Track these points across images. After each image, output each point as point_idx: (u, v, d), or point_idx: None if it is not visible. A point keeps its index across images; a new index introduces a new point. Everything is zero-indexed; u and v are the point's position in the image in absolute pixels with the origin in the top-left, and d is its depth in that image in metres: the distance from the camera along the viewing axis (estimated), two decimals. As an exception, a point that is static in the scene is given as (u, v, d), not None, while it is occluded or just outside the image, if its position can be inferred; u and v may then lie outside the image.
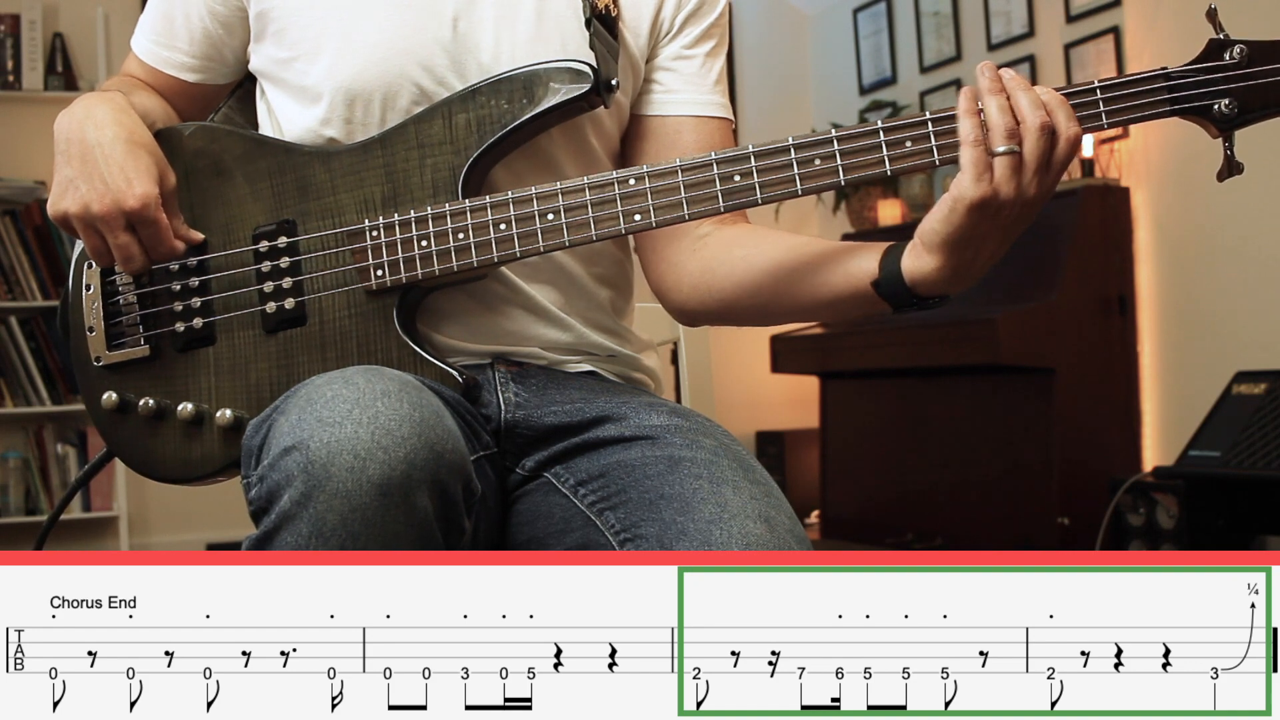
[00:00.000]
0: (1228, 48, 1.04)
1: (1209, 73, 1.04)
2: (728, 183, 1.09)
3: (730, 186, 1.09)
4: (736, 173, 1.09)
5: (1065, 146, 1.05)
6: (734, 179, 1.09)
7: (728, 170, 1.09)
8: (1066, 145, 1.05)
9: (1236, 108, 1.04)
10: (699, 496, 1.04)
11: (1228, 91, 1.04)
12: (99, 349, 1.20)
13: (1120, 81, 1.05)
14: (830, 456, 4.82)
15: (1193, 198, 3.84)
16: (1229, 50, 1.04)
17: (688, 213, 1.10)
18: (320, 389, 0.95)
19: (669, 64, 1.28)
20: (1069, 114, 1.04)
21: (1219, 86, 1.04)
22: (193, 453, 1.17)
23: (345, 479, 0.89)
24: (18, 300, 4.30)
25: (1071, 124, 1.04)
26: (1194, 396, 3.64)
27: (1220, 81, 1.04)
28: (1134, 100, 1.05)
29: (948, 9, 4.99)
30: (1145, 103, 1.05)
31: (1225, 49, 1.04)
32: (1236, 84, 1.04)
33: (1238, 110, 1.04)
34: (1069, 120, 1.04)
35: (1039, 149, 1.03)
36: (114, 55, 4.54)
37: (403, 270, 1.13)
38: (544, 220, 1.10)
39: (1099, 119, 1.06)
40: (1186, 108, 1.05)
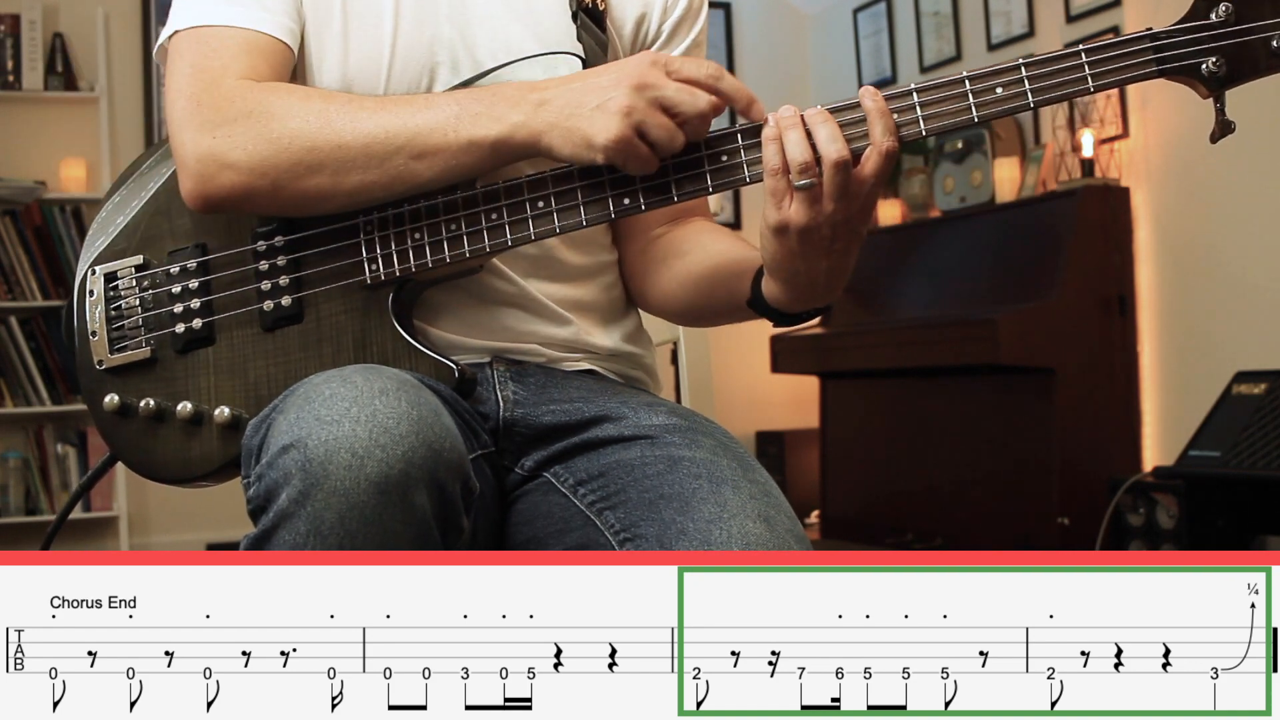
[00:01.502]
0: (1214, 5, 1.02)
1: (1196, 31, 1.03)
2: (715, 162, 1.10)
3: (718, 166, 1.10)
4: (724, 152, 1.10)
5: (878, 162, 1.04)
6: (721, 159, 1.10)
7: (715, 151, 1.09)
8: (879, 160, 1.04)
9: (1225, 66, 1.02)
10: (698, 496, 1.04)
11: (1215, 49, 1.02)
12: (101, 353, 1.21)
13: (1105, 44, 1.04)
14: (830, 456, 4.82)
15: (1193, 198, 3.84)
16: (1215, 9, 1.02)
17: (676, 195, 1.10)
18: (318, 387, 0.95)
19: None
20: (886, 127, 1.04)
21: (1206, 45, 1.02)
22: (192, 452, 1.17)
23: (343, 477, 0.89)
24: (18, 300, 4.31)
25: (887, 138, 1.03)
26: (1194, 396, 3.64)
27: (1207, 40, 1.02)
28: (1120, 62, 1.03)
29: (948, 9, 4.99)
30: (1131, 64, 1.03)
31: (1211, 7, 1.03)
32: (1224, 41, 1.02)
33: (1226, 69, 1.02)
34: (885, 134, 1.03)
35: (834, 181, 1.03)
36: (114, 55, 4.54)
37: (396, 263, 1.13)
38: (534, 208, 1.11)
39: (1085, 82, 1.03)
40: (1173, 67, 1.03)
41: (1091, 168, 4.06)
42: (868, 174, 1.04)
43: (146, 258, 1.21)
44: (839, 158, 1.03)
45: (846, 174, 1.03)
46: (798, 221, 1.04)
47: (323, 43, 1.20)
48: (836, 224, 1.04)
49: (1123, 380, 3.99)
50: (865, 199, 1.05)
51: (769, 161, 1.05)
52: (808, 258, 1.06)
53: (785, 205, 1.05)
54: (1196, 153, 3.75)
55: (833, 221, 1.04)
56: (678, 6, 1.29)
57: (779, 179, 1.04)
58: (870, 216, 1.08)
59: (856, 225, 1.06)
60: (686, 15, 1.30)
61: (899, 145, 1.05)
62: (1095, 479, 3.67)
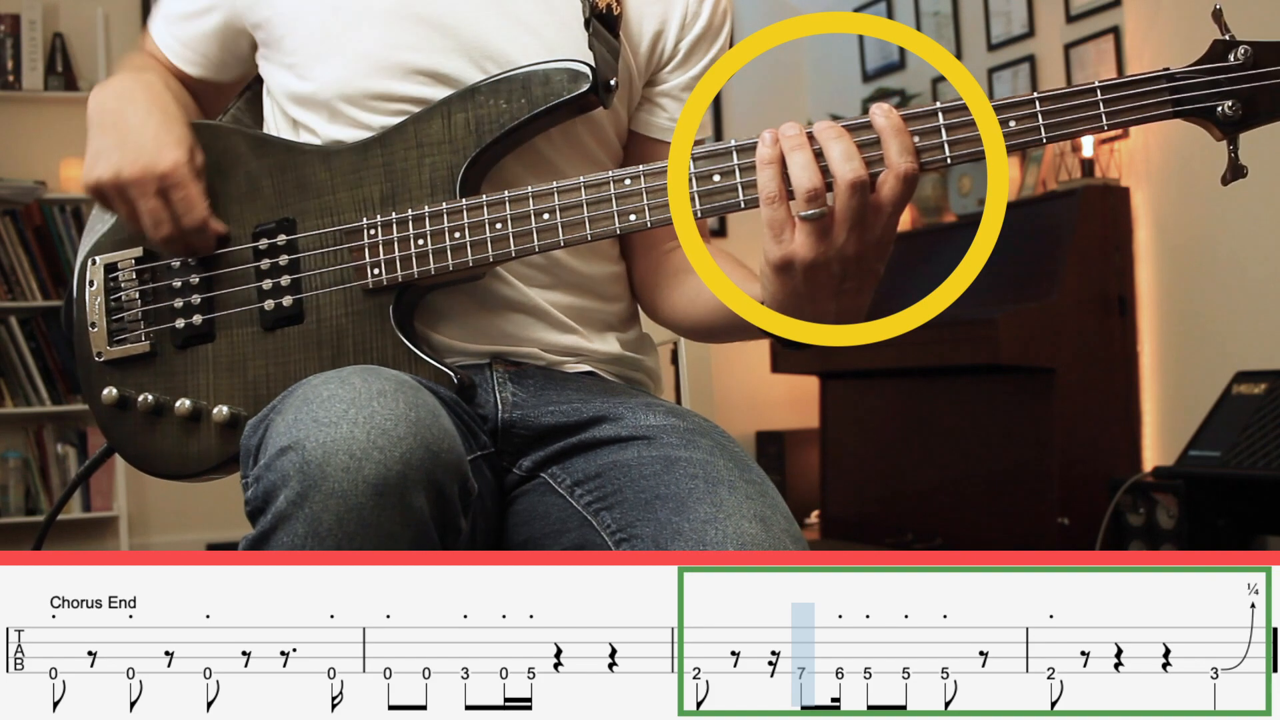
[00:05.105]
0: (1232, 49, 1.02)
1: (1213, 74, 1.02)
2: (704, 183, 1.07)
3: (709, 188, 1.08)
4: (715, 172, 1.06)
5: (896, 187, 0.94)
6: (712, 179, 1.06)
7: (705, 171, 1.08)
8: (897, 185, 0.94)
9: (1241, 110, 1.01)
10: (694, 496, 1.04)
11: (1232, 93, 1.01)
12: (100, 345, 1.21)
13: (1122, 82, 1.02)
14: (830, 456, 4.82)
15: (1193, 198, 3.84)
16: (1234, 51, 1.01)
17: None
18: (317, 389, 0.94)
19: (678, 94, 1.28)
20: (903, 146, 0.95)
21: (1223, 88, 1.02)
22: (190, 449, 1.18)
23: (341, 479, 0.89)
24: (18, 300, 4.31)
25: (905, 159, 0.94)
26: (1194, 396, 3.64)
27: (1225, 83, 1.02)
28: (1136, 101, 1.02)
29: (948, 9, 4.99)
30: (1148, 104, 1.02)
31: (1230, 50, 1.02)
32: (1241, 85, 1.01)
33: (1242, 113, 1.01)
34: (901, 154, 0.94)
35: (849, 207, 0.93)
36: (114, 55, 4.54)
37: (399, 269, 1.13)
38: (539, 220, 1.10)
39: (1099, 120, 1.02)
40: (1190, 109, 1.02)
41: (1091, 168, 4.06)
42: (885, 200, 0.95)
43: (147, 249, 1.21)
44: (856, 178, 0.93)
45: (864, 198, 0.94)
46: (804, 257, 0.95)
47: (325, 47, 1.20)
48: (848, 259, 0.96)
49: (1123, 380, 3.99)
50: (883, 231, 0.96)
51: (764, 188, 0.97)
52: (815, 299, 0.99)
53: (787, 238, 0.96)
54: (1196, 153, 3.75)
55: (843, 256, 0.96)
56: (697, 23, 1.26)
57: (776, 208, 0.96)
58: (887, 252, 0.98)
59: (872, 262, 0.98)
60: (705, 34, 1.27)
61: (919, 168, 0.96)
62: (1095, 479, 3.67)
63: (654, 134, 1.29)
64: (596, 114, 1.20)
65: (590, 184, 1.09)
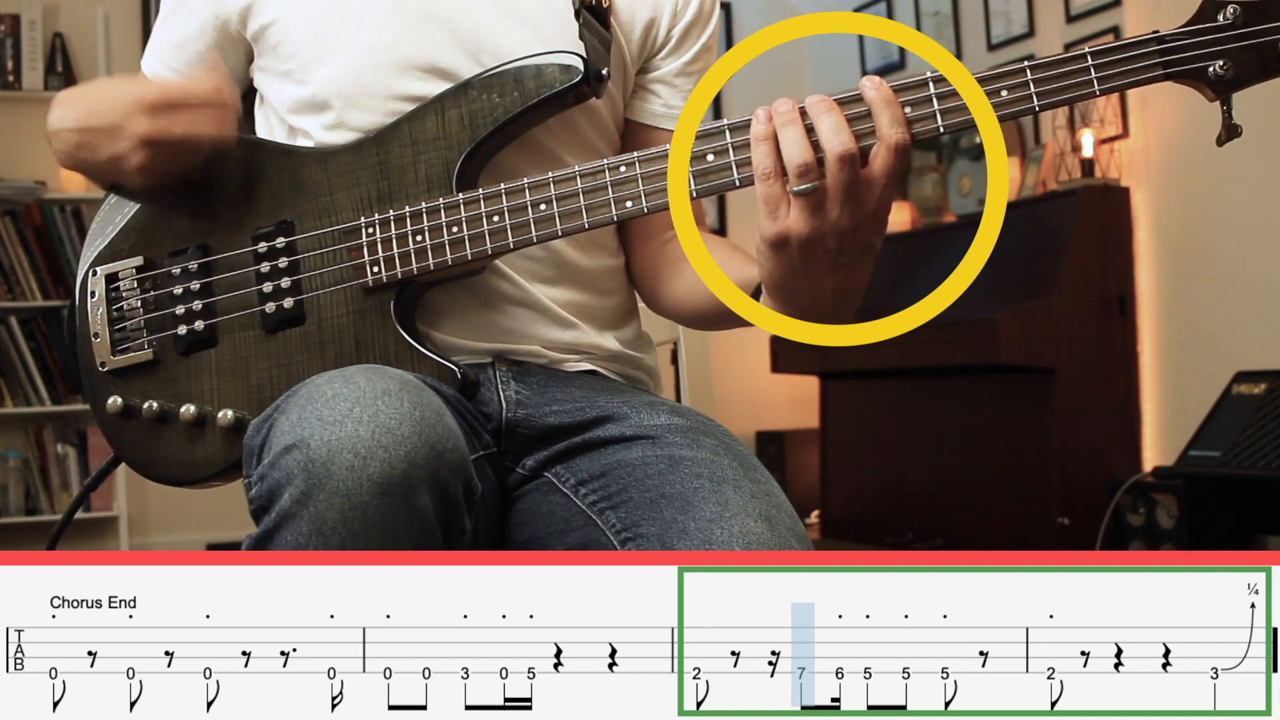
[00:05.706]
0: (1221, 8, 1.00)
1: (1202, 34, 1.00)
2: (699, 163, 1.07)
3: (703, 167, 1.08)
4: (709, 151, 1.06)
5: (887, 159, 0.95)
6: (706, 158, 1.06)
7: (701, 150, 1.08)
8: (889, 156, 0.95)
9: (1232, 69, 1.00)
10: (700, 495, 1.04)
11: (1222, 53, 1.00)
12: (104, 355, 1.21)
13: (1112, 47, 1.01)
14: (830, 456, 4.82)
15: (1193, 198, 3.84)
16: (1223, 10, 1.00)
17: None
18: (321, 388, 0.95)
19: (672, 80, 1.29)
20: (894, 118, 0.95)
21: (1213, 48, 1.00)
22: (195, 454, 1.18)
23: (345, 478, 0.89)
24: (18, 300, 4.31)
25: (895, 129, 0.95)
26: (1194, 396, 3.64)
27: (1214, 43, 1.00)
28: (1126, 65, 1.00)
29: (948, 9, 4.99)
30: (1137, 67, 1.00)
31: (1219, 9, 1.00)
32: (1231, 44, 1.00)
33: (1233, 72, 1.00)
34: (892, 125, 0.95)
35: (840, 180, 0.94)
36: (114, 55, 4.54)
37: (398, 266, 1.13)
38: (536, 210, 1.10)
39: (1090, 85, 1.00)
40: (1179, 70, 1.00)
41: (1091, 168, 4.06)
42: (877, 172, 0.96)
43: (147, 258, 1.21)
44: (844, 151, 0.94)
45: (854, 171, 0.95)
46: (799, 232, 0.96)
47: (323, 48, 1.20)
48: (843, 233, 0.97)
49: (1122, 380, 3.99)
50: (876, 204, 0.96)
51: (759, 164, 0.98)
52: (811, 275, 0.99)
53: (782, 214, 0.97)
54: (1196, 153, 3.76)
55: (838, 230, 0.96)
56: (688, 11, 1.28)
57: (771, 184, 0.97)
58: (883, 226, 0.99)
59: (867, 236, 0.98)
60: (697, 20, 1.29)
61: (910, 139, 0.97)
62: (1095, 479, 3.67)
63: (649, 120, 1.29)
64: (594, 103, 1.21)
65: (586, 172, 1.09)
